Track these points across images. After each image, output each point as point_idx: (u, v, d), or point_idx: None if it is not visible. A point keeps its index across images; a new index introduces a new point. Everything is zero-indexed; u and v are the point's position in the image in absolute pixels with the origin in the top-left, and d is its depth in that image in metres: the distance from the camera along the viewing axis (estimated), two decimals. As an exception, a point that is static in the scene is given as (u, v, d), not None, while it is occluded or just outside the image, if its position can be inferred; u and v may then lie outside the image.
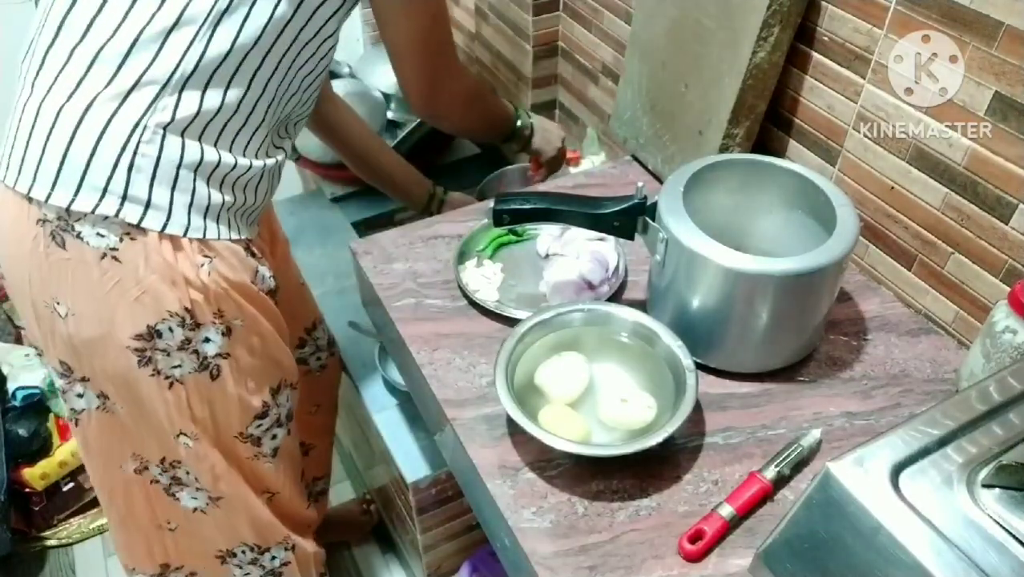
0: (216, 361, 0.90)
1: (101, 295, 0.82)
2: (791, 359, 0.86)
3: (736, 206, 0.91)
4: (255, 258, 0.93)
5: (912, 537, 0.50)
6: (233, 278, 0.88)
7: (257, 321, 0.92)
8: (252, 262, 0.91)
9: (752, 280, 0.78)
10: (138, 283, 0.82)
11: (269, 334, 0.95)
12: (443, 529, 1.38)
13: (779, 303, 0.80)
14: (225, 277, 0.86)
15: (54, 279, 0.82)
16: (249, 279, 0.90)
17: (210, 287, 0.85)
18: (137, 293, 0.82)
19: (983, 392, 0.60)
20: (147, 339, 0.84)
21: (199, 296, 0.84)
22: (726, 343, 0.84)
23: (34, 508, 1.71)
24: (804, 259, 0.76)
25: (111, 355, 0.86)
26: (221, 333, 0.88)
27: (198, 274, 0.84)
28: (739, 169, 0.90)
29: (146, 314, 0.83)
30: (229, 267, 0.87)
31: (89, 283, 0.82)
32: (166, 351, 0.86)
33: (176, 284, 0.83)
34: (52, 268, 0.82)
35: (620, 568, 0.68)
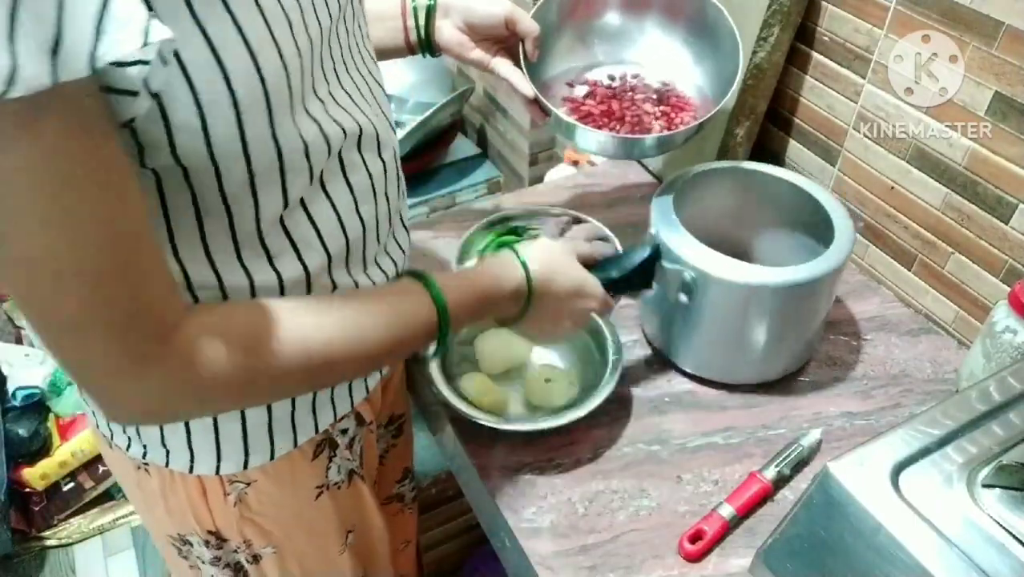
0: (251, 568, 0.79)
1: (139, 496, 0.75)
2: (790, 368, 0.85)
3: (722, 215, 0.89)
4: (331, 450, 0.75)
5: (912, 537, 0.50)
6: (275, 500, 0.73)
7: (294, 540, 0.78)
8: (320, 463, 0.74)
9: (765, 293, 0.76)
10: (164, 501, 0.72)
11: (311, 555, 0.80)
12: (443, 529, 1.38)
13: (784, 313, 0.78)
14: (260, 503, 0.72)
15: (111, 466, 0.77)
16: (306, 491, 0.75)
17: (237, 516, 0.72)
18: (164, 506, 0.72)
19: (983, 392, 0.60)
20: (180, 543, 0.76)
21: (224, 524, 0.73)
22: (726, 356, 0.83)
23: (34, 508, 1.71)
24: (810, 267, 0.75)
25: (159, 540, 0.79)
26: (247, 560, 0.77)
27: (224, 505, 0.71)
28: (725, 179, 0.89)
29: (175, 524, 0.74)
30: (273, 487, 0.72)
31: (130, 482, 0.74)
32: (200, 558, 0.77)
33: (198, 515, 0.72)
34: (107, 459, 0.76)
35: (620, 568, 0.68)
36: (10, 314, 1.86)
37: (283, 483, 0.72)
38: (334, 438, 0.75)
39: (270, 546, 0.76)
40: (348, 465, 0.78)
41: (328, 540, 0.81)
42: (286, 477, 0.72)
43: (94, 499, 1.76)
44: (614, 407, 0.82)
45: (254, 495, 0.71)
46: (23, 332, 1.86)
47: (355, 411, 0.76)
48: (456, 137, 1.68)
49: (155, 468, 0.69)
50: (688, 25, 0.93)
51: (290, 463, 0.71)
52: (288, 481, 0.73)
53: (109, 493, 1.78)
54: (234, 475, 0.69)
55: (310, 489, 0.75)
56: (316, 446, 0.73)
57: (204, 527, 0.73)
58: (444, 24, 0.84)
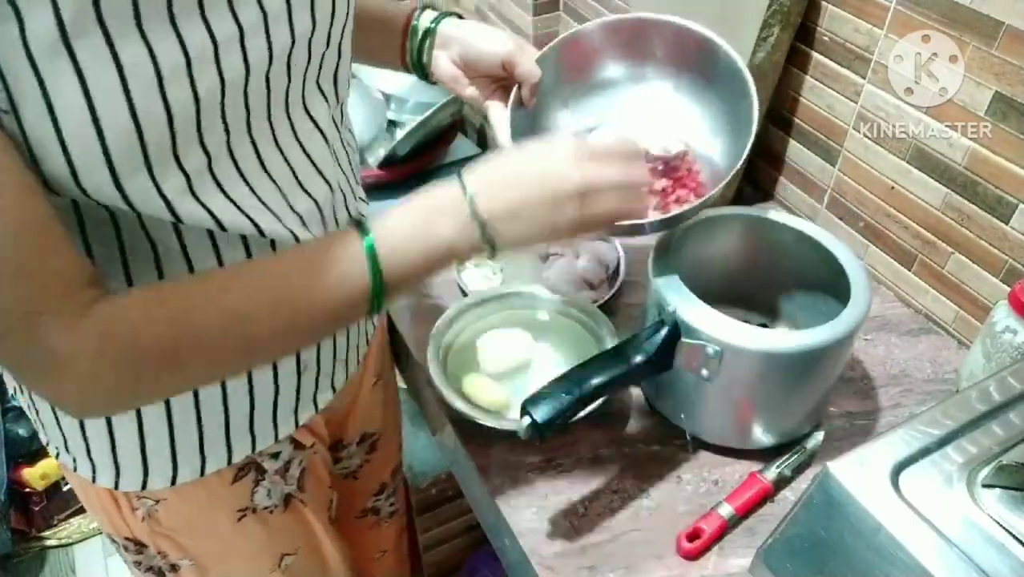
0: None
1: (85, 502, 0.75)
2: (812, 422, 0.79)
3: (721, 266, 0.84)
4: (257, 474, 0.72)
5: (912, 537, 0.50)
6: (188, 518, 0.71)
7: (214, 557, 0.76)
8: (243, 487, 0.71)
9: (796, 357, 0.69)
10: (89, 505, 0.73)
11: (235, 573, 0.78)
12: (443, 529, 1.38)
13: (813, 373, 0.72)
14: (171, 520, 0.70)
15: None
16: (225, 513, 0.72)
17: (147, 530, 0.71)
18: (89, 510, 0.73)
19: (983, 392, 0.60)
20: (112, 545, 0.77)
21: (140, 534, 0.72)
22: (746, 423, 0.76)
23: (34, 508, 1.71)
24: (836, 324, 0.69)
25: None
26: (166, 568, 0.76)
27: (133, 518, 0.70)
28: (724, 227, 0.82)
29: (103, 528, 0.75)
30: (184, 506, 0.70)
31: (72, 482, 0.74)
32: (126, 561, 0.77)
33: (114, 523, 0.72)
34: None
35: (620, 568, 0.68)
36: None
37: (196, 503, 0.70)
38: (261, 464, 0.73)
39: (187, 558, 0.74)
40: (283, 489, 0.76)
41: (256, 561, 0.78)
42: (199, 498, 0.70)
43: (94, 499, 1.76)
44: (614, 407, 0.82)
45: (164, 512, 0.70)
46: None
47: (293, 438, 0.74)
48: (456, 137, 1.67)
49: (72, 473, 0.69)
50: (697, 79, 0.81)
51: (204, 486, 0.69)
52: (203, 502, 0.70)
53: (109, 493, 1.78)
54: (136, 492, 0.67)
55: (230, 512, 0.73)
56: (238, 470, 0.71)
57: (122, 534, 0.72)
58: (440, 55, 0.78)
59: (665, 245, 0.76)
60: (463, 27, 0.77)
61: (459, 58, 0.78)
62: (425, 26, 0.77)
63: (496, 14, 1.57)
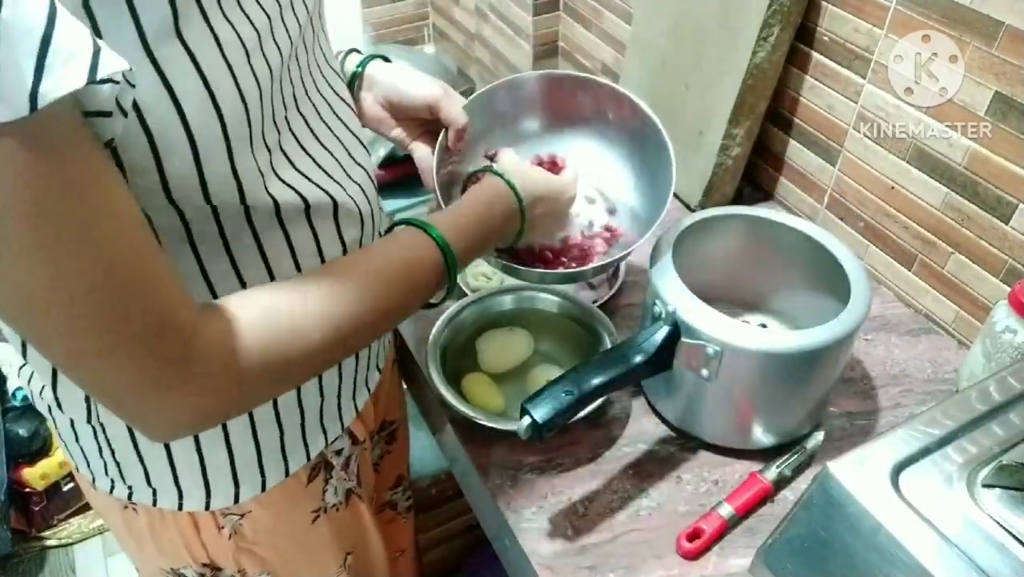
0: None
1: (127, 534, 0.73)
2: (813, 421, 0.79)
3: (722, 266, 0.85)
4: (326, 472, 0.74)
5: (912, 537, 0.50)
6: (271, 528, 0.71)
7: (291, 566, 0.77)
8: (316, 487, 0.73)
9: (797, 357, 0.69)
10: (154, 539, 0.70)
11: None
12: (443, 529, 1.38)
13: (814, 373, 0.72)
14: (255, 532, 0.71)
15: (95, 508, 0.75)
16: (302, 516, 0.74)
17: (232, 548, 0.71)
18: (153, 544, 0.71)
19: (983, 392, 0.60)
20: (172, 574, 0.74)
21: (219, 555, 0.72)
22: (746, 423, 0.76)
23: (34, 508, 1.71)
24: (837, 324, 0.69)
25: (147, 574, 0.77)
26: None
27: (218, 538, 0.70)
28: (722, 227, 0.82)
29: (167, 560, 0.72)
30: (268, 516, 0.70)
31: (116, 521, 0.72)
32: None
33: (192, 550, 0.70)
34: (91, 500, 0.74)
35: (620, 568, 0.68)
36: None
37: (279, 511, 0.71)
38: (329, 460, 0.74)
39: (265, 573, 0.75)
40: (345, 485, 0.77)
41: (326, 564, 0.79)
42: (281, 505, 0.71)
43: (94, 499, 1.76)
44: (614, 407, 0.82)
45: (249, 525, 0.70)
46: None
47: (348, 430, 0.75)
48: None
49: (141, 507, 0.67)
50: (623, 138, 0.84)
51: (285, 490, 0.69)
52: (284, 508, 0.71)
53: (109, 493, 1.78)
54: (227, 508, 0.67)
55: (306, 514, 0.74)
56: (311, 470, 0.72)
57: (198, 560, 0.71)
58: (366, 97, 0.78)
59: (665, 245, 0.76)
60: (389, 71, 0.78)
61: (385, 100, 0.78)
62: (351, 69, 0.78)
63: (496, 14, 1.57)
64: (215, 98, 0.46)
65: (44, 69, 0.35)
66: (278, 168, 0.54)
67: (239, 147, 0.49)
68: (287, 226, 0.56)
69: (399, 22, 1.81)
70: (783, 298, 0.86)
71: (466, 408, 0.78)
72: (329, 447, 0.72)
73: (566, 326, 0.89)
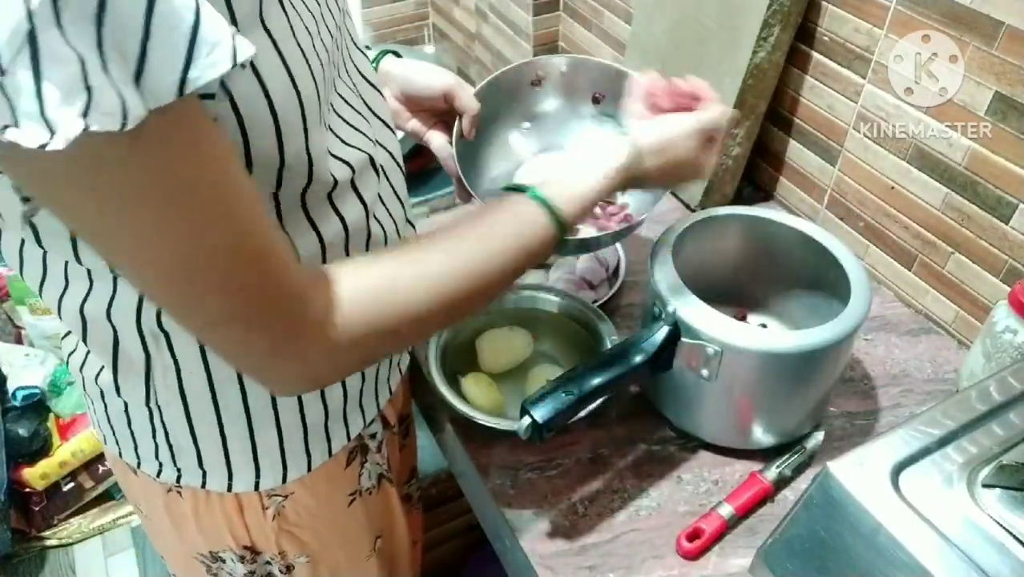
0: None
1: (167, 519, 0.74)
2: (813, 421, 0.79)
3: (721, 265, 0.85)
4: (362, 456, 0.76)
5: (912, 537, 0.50)
6: (312, 510, 0.73)
7: (328, 549, 0.78)
8: (353, 470, 0.75)
9: (796, 357, 0.69)
10: (197, 521, 0.71)
11: (342, 562, 0.80)
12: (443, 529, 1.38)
13: (814, 373, 0.73)
14: (297, 514, 0.72)
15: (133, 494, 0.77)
16: (340, 498, 0.76)
17: (275, 530, 0.72)
18: (196, 526, 0.72)
19: (983, 392, 0.60)
20: (211, 560, 0.76)
21: (261, 538, 0.73)
22: (746, 423, 0.76)
23: (34, 508, 1.71)
24: (837, 324, 0.69)
25: (182, 560, 0.79)
26: (280, 571, 0.77)
27: (261, 520, 0.71)
28: (723, 226, 0.83)
29: (207, 542, 0.74)
30: (310, 498, 0.72)
31: (155, 505, 0.73)
32: (231, 573, 0.77)
33: (235, 531, 0.72)
34: (129, 486, 0.75)
35: (620, 568, 0.68)
36: (10, 314, 1.85)
37: (319, 493, 0.72)
38: (366, 443, 0.76)
39: (304, 555, 0.76)
40: (378, 469, 0.79)
41: (359, 546, 0.81)
42: (322, 487, 0.72)
43: (94, 499, 1.76)
44: (614, 407, 0.82)
45: (291, 507, 0.71)
46: (23, 332, 1.85)
47: (381, 414, 0.76)
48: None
49: (188, 490, 0.68)
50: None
51: (326, 473, 0.71)
52: (324, 490, 0.73)
53: (109, 493, 1.78)
54: (272, 489, 0.69)
55: (344, 496, 0.76)
56: (349, 453, 0.74)
57: (240, 543, 0.73)
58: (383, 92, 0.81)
59: (665, 245, 0.76)
60: (402, 65, 0.80)
61: (400, 94, 0.80)
62: None
63: (496, 14, 1.57)
64: (294, 80, 0.48)
65: (192, 58, 0.37)
66: (331, 145, 0.57)
67: (312, 127, 0.51)
68: (335, 200, 0.59)
69: (399, 22, 1.81)
70: (783, 298, 0.86)
71: (466, 408, 0.78)
72: (366, 429, 0.74)
73: (566, 326, 0.89)
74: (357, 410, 0.71)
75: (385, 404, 0.76)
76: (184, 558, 0.77)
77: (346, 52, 0.63)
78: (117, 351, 0.59)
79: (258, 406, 0.63)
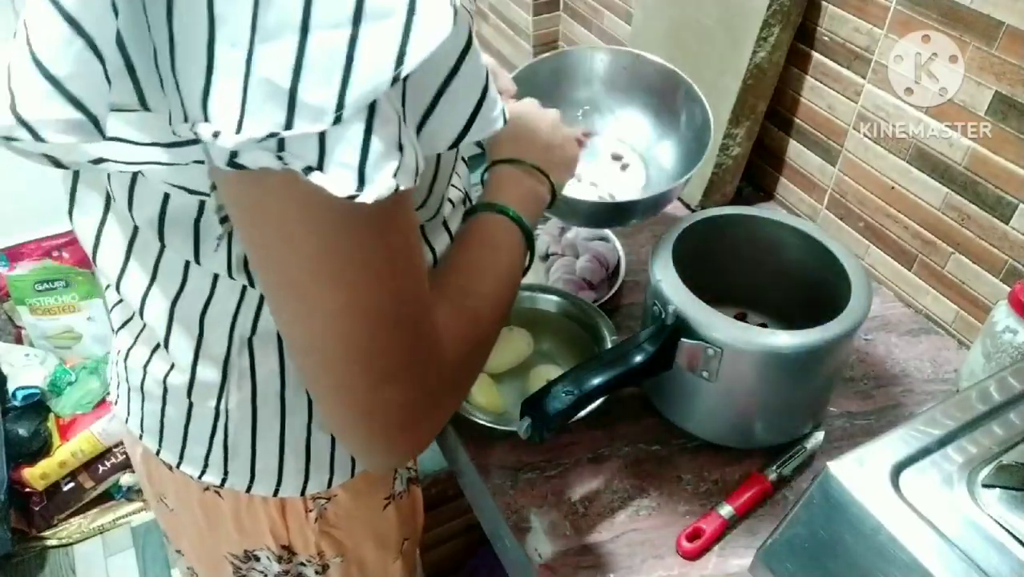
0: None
1: (201, 517, 0.73)
2: (813, 422, 0.79)
3: (720, 264, 0.84)
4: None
5: (912, 537, 0.50)
6: (351, 513, 0.74)
7: (361, 549, 0.79)
8: (388, 473, 0.76)
9: (797, 356, 0.69)
10: (236, 520, 0.71)
11: (371, 564, 0.81)
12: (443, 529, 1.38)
13: (815, 372, 0.72)
14: (337, 516, 0.73)
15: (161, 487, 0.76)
16: (377, 501, 0.76)
17: (315, 532, 0.73)
18: (233, 525, 0.72)
19: (983, 392, 0.60)
20: (243, 560, 0.76)
21: (299, 539, 0.73)
22: (748, 422, 0.76)
23: (34, 508, 1.71)
24: (837, 323, 0.69)
25: (210, 559, 0.79)
26: (315, 571, 0.77)
27: (303, 521, 0.71)
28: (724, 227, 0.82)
29: (244, 542, 0.74)
30: (351, 501, 0.72)
31: (188, 503, 0.73)
32: (264, 572, 0.77)
33: (275, 532, 0.72)
34: (156, 479, 0.75)
35: (620, 568, 0.68)
36: (10, 314, 1.85)
37: (359, 496, 0.73)
38: None
39: (339, 556, 0.77)
40: (407, 473, 0.80)
41: (388, 548, 0.82)
42: (363, 490, 0.73)
43: (94, 499, 1.76)
44: (614, 407, 0.82)
45: (333, 509, 0.72)
46: (23, 332, 1.85)
47: None
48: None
49: (229, 492, 0.68)
50: (663, 104, 0.92)
51: (367, 477, 0.72)
52: (364, 493, 0.74)
53: (109, 493, 1.78)
54: (317, 493, 0.69)
55: (380, 500, 0.76)
56: None
57: (279, 543, 0.73)
58: None
59: (665, 245, 0.76)
60: None
61: None
62: None
63: (496, 14, 1.57)
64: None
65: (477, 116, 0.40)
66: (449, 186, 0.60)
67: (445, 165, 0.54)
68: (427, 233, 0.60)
69: (399, 22, 1.81)
70: (783, 298, 0.86)
71: (466, 408, 0.78)
72: None
73: (566, 326, 0.89)
74: None
75: None
76: (212, 555, 0.77)
77: None
78: (199, 353, 0.59)
79: (319, 414, 0.63)
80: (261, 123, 0.35)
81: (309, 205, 0.39)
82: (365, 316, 0.43)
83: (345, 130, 0.35)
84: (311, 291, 0.42)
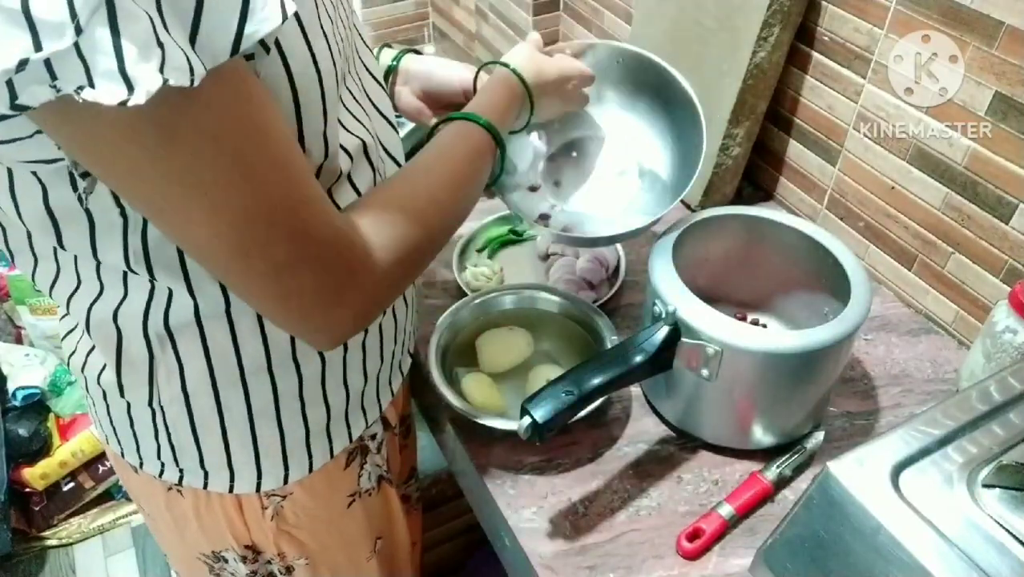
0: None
1: (168, 518, 0.74)
2: (814, 421, 0.79)
3: (719, 265, 0.84)
4: (362, 457, 0.76)
5: (912, 537, 0.50)
6: (310, 512, 0.73)
7: (329, 552, 0.78)
8: (352, 472, 0.75)
9: (798, 357, 0.69)
10: (198, 520, 0.72)
11: (342, 564, 0.81)
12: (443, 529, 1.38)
13: (814, 372, 0.72)
14: (296, 516, 0.72)
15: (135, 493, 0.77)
16: (339, 500, 0.76)
17: (273, 530, 0.72)
18: (197, 525, 0.72)
19: (983, 392, 0.60)
20: (213, 560, 0.76)
21: (261, 538, 0.73)
22: (747, 423, 0.76)
23: (34, 508, 1.71)
24: (837, 324, 0.69)
25: (185, 560, 0.79)
26: (280, 572, 0.77)
27: (260, 520, 0.71)
28: (723, 226, 0.82)
29: (209, 542, 0.74)
30: (309, 499, 0.72)
31: (156, 505, 0.73)
32: (233, 573, 0.77)
33: (235, 531, 0.72)
34: (131, 485, 0.75)
35: (620, 568, 0.68)
36: (10, 314, 1.85)
37: (318, 494, 0.72)
38: (366, 444, 0.76)
39: (303, 558, 0.76)
40: (377, 471, 0.79)
41: (358, 548, 0.81)
42: (321, 488, 0.72)
43: (94, 499, 1.76)
44: (614, 407, 0.82)
45: (290, 508, 0.72)
46: (23, 332, 1.85)
47: (382, 415, 0.76)
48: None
49: (189, 489, 0.68)
50: (653, 104, 0.87)
51: (325, 474, 0.71)
52: (323, 492, 0.73)
53: (109, 493, 1.78)
54: (271, 490, 0.69)
55: (343, 498, 0.76)
56: (349, 454, 0.74)
57: (241, 542, 0.73)
58: (403, 91, 0.82)
59: (665, 245, 0.76)
60: (424, 62, 0.82)
61: (421, 92, 0.82)
62: (387, 64, 0.81)
63: (496, 14, 1.57)
64: (316, 63, 0.50)
65: (248, 14, 0.39)
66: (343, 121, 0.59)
67: (330, 111, 0.53)
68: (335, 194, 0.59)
69: (399, 22, 1.81)
70: (783, 298, 0.86)
71: (466, 408, 0.78)
72: (367, 430, 0.74)
73: (566, 326, 0.89)
74: (359, 411, 0.71)
75: (387, 405, 0.76)
76: (187, 557, 0.77)
77: (354, 47, 0.64)
78: (121, 352, 0.59)
79: (260, 407, 0.63)
80: (10, 51, 0.34)
81: (113, 125, 0.39)
82: (234, 215, 0.44)
83: (92, 38, 0.35)
84: (171, 205, 0.44)
